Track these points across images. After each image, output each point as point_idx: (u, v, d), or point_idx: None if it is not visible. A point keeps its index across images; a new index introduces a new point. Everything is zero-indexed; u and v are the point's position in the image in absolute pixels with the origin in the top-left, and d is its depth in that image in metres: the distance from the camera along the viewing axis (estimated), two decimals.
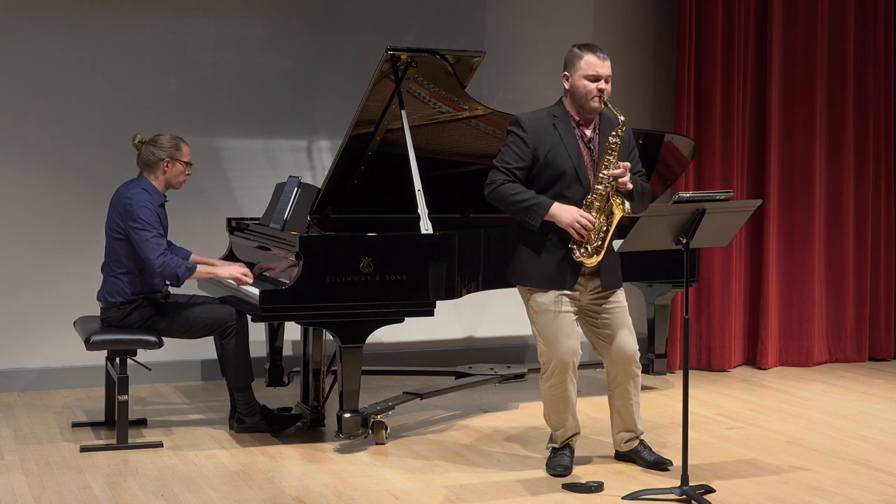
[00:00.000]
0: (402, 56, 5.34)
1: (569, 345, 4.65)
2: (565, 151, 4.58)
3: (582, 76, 4.57)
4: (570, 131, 4.61)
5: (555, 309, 4.63)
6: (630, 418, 4.87)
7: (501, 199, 4.60)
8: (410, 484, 4.66)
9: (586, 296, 4.70)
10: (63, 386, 6.36)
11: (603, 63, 4.58)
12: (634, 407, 4.86)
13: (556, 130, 4.60)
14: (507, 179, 4.58)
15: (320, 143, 6.83)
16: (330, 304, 4.99)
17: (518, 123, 4.63)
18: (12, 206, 6.30)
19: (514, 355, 7.14)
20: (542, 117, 4.65)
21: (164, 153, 5.31)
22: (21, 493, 4.50)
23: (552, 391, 4.72)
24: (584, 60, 4.57)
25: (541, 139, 4.59)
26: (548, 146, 4.58)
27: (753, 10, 7.23)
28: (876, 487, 4.67)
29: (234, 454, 5.08)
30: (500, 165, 4.61)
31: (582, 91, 4.58)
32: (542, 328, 4.67)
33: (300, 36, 6.74)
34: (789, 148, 7.32)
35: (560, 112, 4.65)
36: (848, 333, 7.54)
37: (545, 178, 4.60)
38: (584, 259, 4.57)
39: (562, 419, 4.77)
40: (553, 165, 4.58)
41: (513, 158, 4.60)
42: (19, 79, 6.27)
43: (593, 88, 4.56)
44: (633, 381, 4.83)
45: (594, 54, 4.58)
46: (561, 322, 4.63)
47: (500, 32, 7.08)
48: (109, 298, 5.29)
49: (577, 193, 4.58)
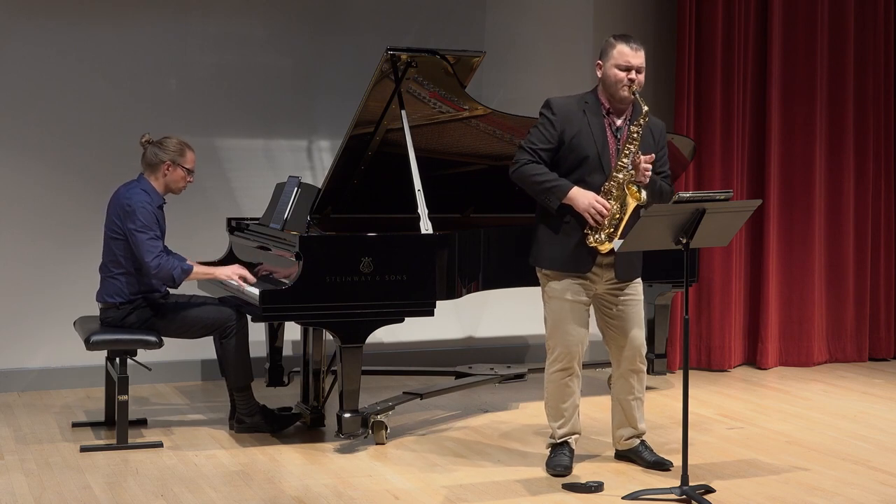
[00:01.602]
0: (402, 56, 5.34)
1: (575, 333, 4.70)
2: (591, 137, 4.62)
3: (614, 65, 4.62)
4: (598, 118, 4.66)
5: (567, 297, 4.68)
6: (631, 414, 4.88)
7: (524, 178, 4.65)
8: (410, 484, 4.66)
9: (602, 285, 4.72)
10: (63, 386, 6.36)
11: (635, 53, 4.63)
12: (636, 403, 4.88)
13: (585, 116, 4.65)
14: (532, 160, 4.63)
15: (320, 143, 6.83)
16: (330, 304, 4.99)
17: (549, 106, 4.69)
18: (12, 206, 6.30)
19: (514, 355, 7.14)
20: (574, 102, 4.70)
21: (167, 156, 5.31)
22: (21, 493, 4.50)
23: (554, 378, 4.77)
24: (617, 49, 4.63)
25: (569, 123, 4.64)
26: (574, 130, 4.63)
27: (753, 10, 7.23)
28: (876, 487, 4.67)
29: (234, 454, 5.08)
30: (527, 146, 4.67)
31: (613, 80, 4.63)
32: (551, 313, 4.73)
33: (300, 36, 6.74)
34: (789, 148, 7.32)
35: (592, 99, 4.70)
36: (848, 333, 7.54)
37: (569, 161, 4.64)
38: (597, 245, 4.60)
39: (559, 411, 4.79)
40: (577, 150, 4.62)
41: (539, 140, 4.65)
42: (19, 79, 6.27)
43: (623, 77, 4.61)
44: (636, 377, 4.85)
45: (627, 44, 4.63)
46: (571, 310, 4.68)
47: (500, 32, 7.08)
48: (108, 299, 5.29)
49: (598, 180, 4.62)
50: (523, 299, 6.73)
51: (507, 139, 5.83)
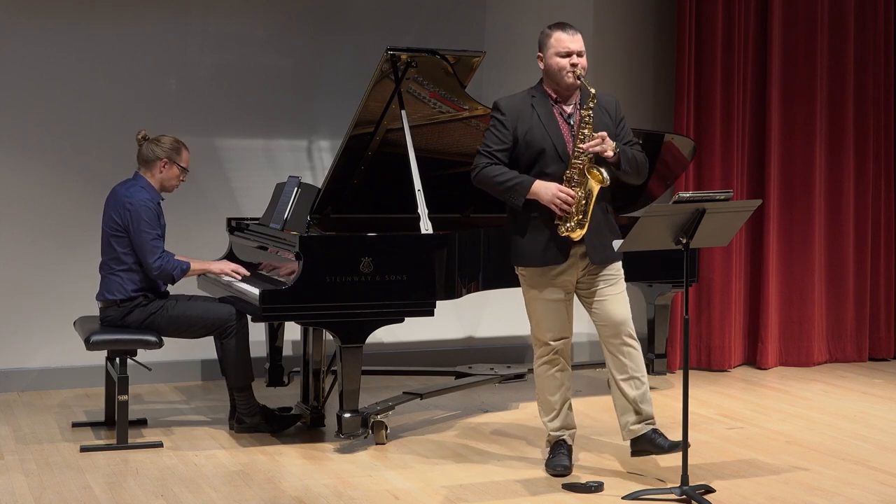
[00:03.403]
0: (402, 56, 5.34)
1: (555, 329, 4.72)
2: (543, 130, 4.62)
3: (554, 54, 4.63)
4: (548, 109, 4.65)
5: (544, 296, 4.69)
6: (630, 396, 4.68)
7: (485, 181, 4.65)
8: (410, 484, 4.66)
9: (579, 273, 4.70)
10: (63, 386, 6.36)
11: (573, 38, 4.62)
12: (634, 383, 4.68)
13: (534, 110, 4.65)
14: (490, 162, 4.64)
15: (320, 143, 6.83)
16: (330, 304, 4.99)
17: (497, 107, 4.70)
18: (12, 206, 6.30)
19: (514, 355, 7.14)
20: (520, 99, 4.71)
21: (163, 153, 5.33)
22: (21, 493, 4.50)
23: (540, 372, 4.82)
24: (554, 37, 4.63)
25: (519, 120, 4.64)
26: (526, 126, 4.63)
27: (753, 10, 7.23)
28: (876, 487, 4.67)
29: (234, 454, 5.08)
30: (483, 149, 4.68)
31: (555, 68, 4.63)
32: (531, 312, 4.78)
33: (300, 36, 6.74)
34: (789, 148, 7.32)
35: (538, 92, 4.70)
36: (848, 333, 7.54)
37: (526, 157, 4.64)
38: (570, 233, 4.59)
39: (550, 404, 4.80)
40: (532, 145, 4.62)
41: (493, 141, 4.66)
42: (19, 79, 6.27)
43: (566, 64, 4.60)
44: (627, 353, 4.68)
45: (563, 31, 4.63)
46: (548, 305, 4.70)
47: (500, 32, 7.08)
48: (108, 296, 5.29)
49: (558, 170, 4.61)
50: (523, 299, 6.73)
51: None
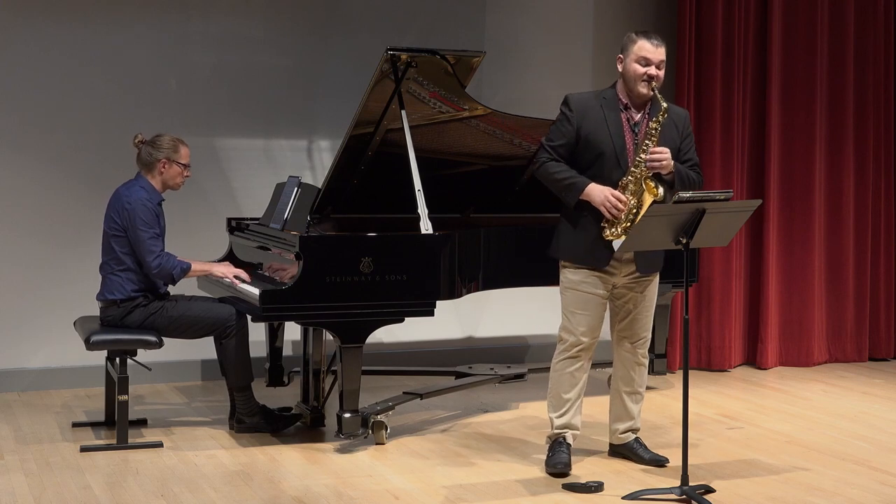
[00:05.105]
0: (402, 56, 5.34)
1: (588, 325, 4.73)
2: (607, 133, 4.64)
3: (633, 60, 4.65)
4: (616, 114, 4.68)
5: (582, 289, 4.71)
6: (629, 407, 4.93)
7: (545, 176, 4.71)
8: (410, 484, 4.66)
9: (621, 278, 4.74)
10: (63, 386, 6.36)
11: (656, 49, 4.65)
12: (636, 398, 4.93)
13: (602, 111, 4.67)
14: (551, 157, 4.69)
15: (320, 143, 6.83)
16: (330, 304, 4.99)
17: (566, 102, 4.73)
18: (12, 206, 6.29)
19: (514, 355, 7.14)
20: (591, 98, 4.74)
21: (162, 154, 5.33)
22: (21, 493, 4.50)
23: (560, 367, 4.80)
24: (638, 45, 4.66)
25: (585, 118, 4.66)
26: (591, 126, 4.66)
27: (753, 10, 7.23)
28: (876, 487, 4.67)
29: (234, 454, 5.08)
30: (545, 143, 4.72)
31: (632, 74, 4.65)
32: (566, 304, 4.77)
33: (300, 36, 6.74)
34: (789, 148, 7.32)
35: (610, 94, 4.73)
36: (848, 333, 7.54)
37: (586, 157, 4.67)
38: (614, 238, 4.63)
39: (562, 401, 4.81)
40: (593, 146, 4.65)
41: (557, 136, 4.70)
42: (19, 79, 6.27)
43: (643, 72, 4.63)
44: (637, 369, 4.90)
45: (648, 40, 4.66)
46: (585, 302, 4.71)
47: (500, 32, 7.08)
48: (109, 296, 5.29)
49: (616, 175, 4.64)
50: (523, 299, 6.74)
51: (506, 139, 5.83)
